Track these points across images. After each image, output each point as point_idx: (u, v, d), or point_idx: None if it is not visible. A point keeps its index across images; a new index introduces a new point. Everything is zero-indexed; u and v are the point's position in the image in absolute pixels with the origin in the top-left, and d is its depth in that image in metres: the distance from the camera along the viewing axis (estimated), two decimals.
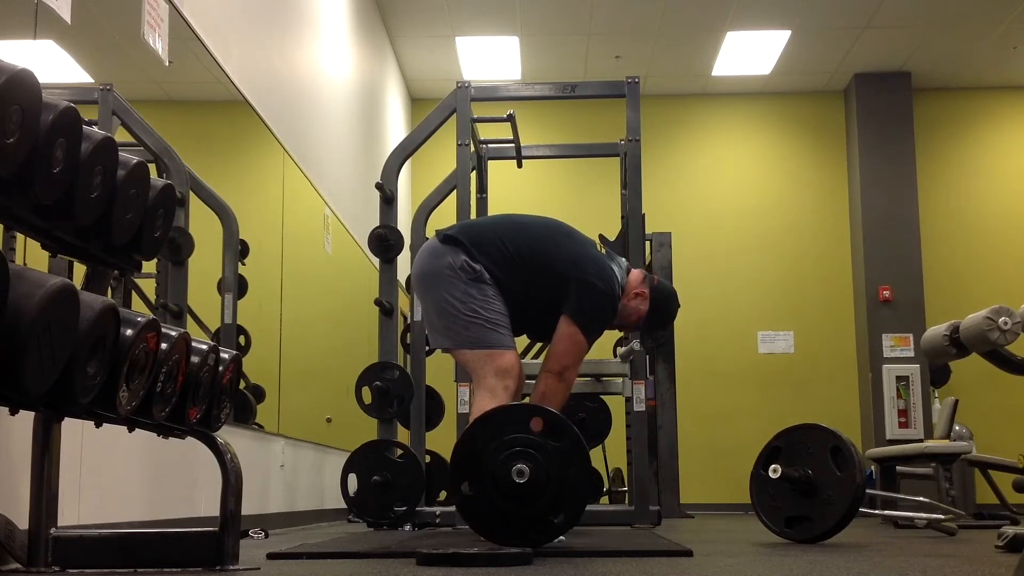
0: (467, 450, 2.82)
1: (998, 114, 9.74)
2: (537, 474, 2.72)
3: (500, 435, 2.78)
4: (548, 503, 2.76)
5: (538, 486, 2.72)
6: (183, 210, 3.84)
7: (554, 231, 3.39)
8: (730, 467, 8.38)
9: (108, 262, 2.24)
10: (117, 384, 1.93)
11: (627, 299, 3.41)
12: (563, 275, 3.24)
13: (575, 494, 2.80)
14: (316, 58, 6.05)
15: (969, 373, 8.54)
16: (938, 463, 5.60)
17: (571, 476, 2.77)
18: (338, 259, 6.58)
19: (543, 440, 2.77)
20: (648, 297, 3.45)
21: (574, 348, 3.24)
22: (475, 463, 2.78)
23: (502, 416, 2.87)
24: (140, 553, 2.22)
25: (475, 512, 2.84)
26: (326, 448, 6.14)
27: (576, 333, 3.23)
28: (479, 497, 2.79)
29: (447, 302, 3.23)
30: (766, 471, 3.55)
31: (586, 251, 3.34)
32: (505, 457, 2.74)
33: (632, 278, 3.44)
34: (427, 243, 3.41)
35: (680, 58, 9.04)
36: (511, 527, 2.80)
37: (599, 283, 3.26)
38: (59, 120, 1.82)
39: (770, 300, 9.52)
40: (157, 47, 3.56)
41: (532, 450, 2.74)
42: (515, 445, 2.75)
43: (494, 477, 2.74)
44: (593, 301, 3.25)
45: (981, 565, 2.49)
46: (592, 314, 3.26)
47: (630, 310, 3.43)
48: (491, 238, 3.30)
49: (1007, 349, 3.62)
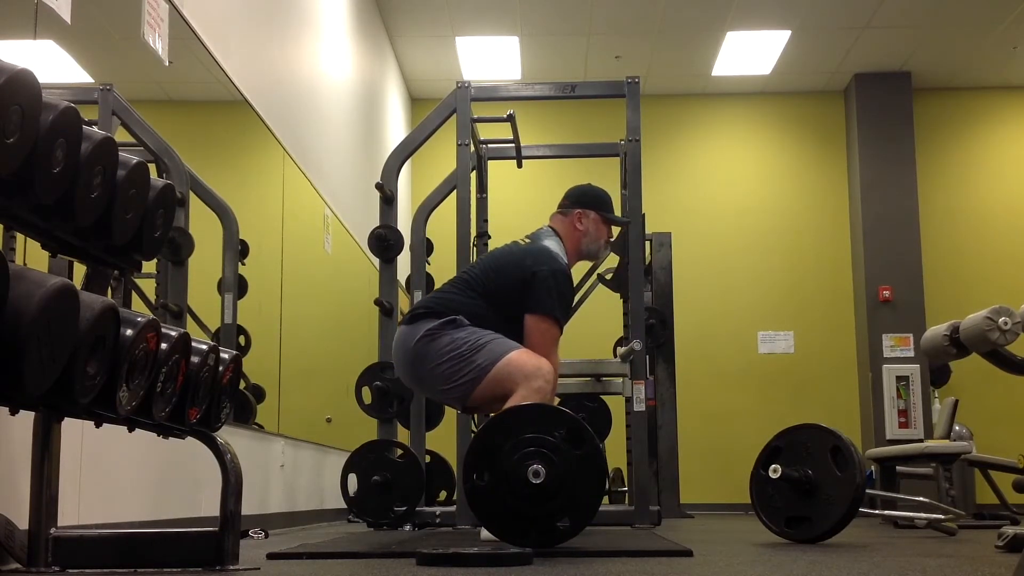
0: (485, 443, 2.83)
1: (998, 114, 9.74)
2: (551, 477, 2.73)
3: (520, 433, 2.79)
4: (557, 507, 2.77)
5: (551, 489, 2.74)
6: (183, 210, 3.84)
7: (489, 261, 3.54)
8: (730, 467, 8.39)
9: (108, 262, 2.24)
10: (117, 384, 1.93)
11: (579, 235, 3.58)
12: (518, 282, 3.33)
13: (586, 502, 2.81)
14: (316, 58, 6.04)
15: (969, 373, 8.54)
16: (938, 463, 5.59)
17: (585, 484, 2.78)
18: (338, 259, 6.58)
19: (563, 445, 2.78)
20: (583, 213, 3.60)
21: (548, 338, 3.31)
22: (491, 457, 2.80)
23: (524, 415, 2.89)
24: (140, 553, 2.22)
25: (483, 504, 2.86)
26: (326, 448, 6.14)
27: (544, 324, 3.31)
28: (490, 490, 2.80)
29: (443, 360, 3.26)
30: (766, 471, 3.54)
31: (519, 250, 3.47)
32: (522, 456, 2.75)
33: (561, 223, 3.60)
34: (397, 333, 3.47)
35: (680, 58, 9.04)
36: (517, 525, 2.81)
37: (543, 268, 3.34)
38: (59, 120, 1.82)
39: (770, 300, 9.52)
40: (157, 47, 3.56)
41: (550, 453, 2.76)
42: (534, 445, 2.76)
43: (508, 473, 2.76)
44: (547, 287, 3.32)
45: (981, 565, 2.49)
46: (552, 299, 3.33)
47: (591, 236, 3.60)
48: (452, 296, 3.40)
49: (1007, 349, 3.62)
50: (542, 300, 3.31)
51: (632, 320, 4.83)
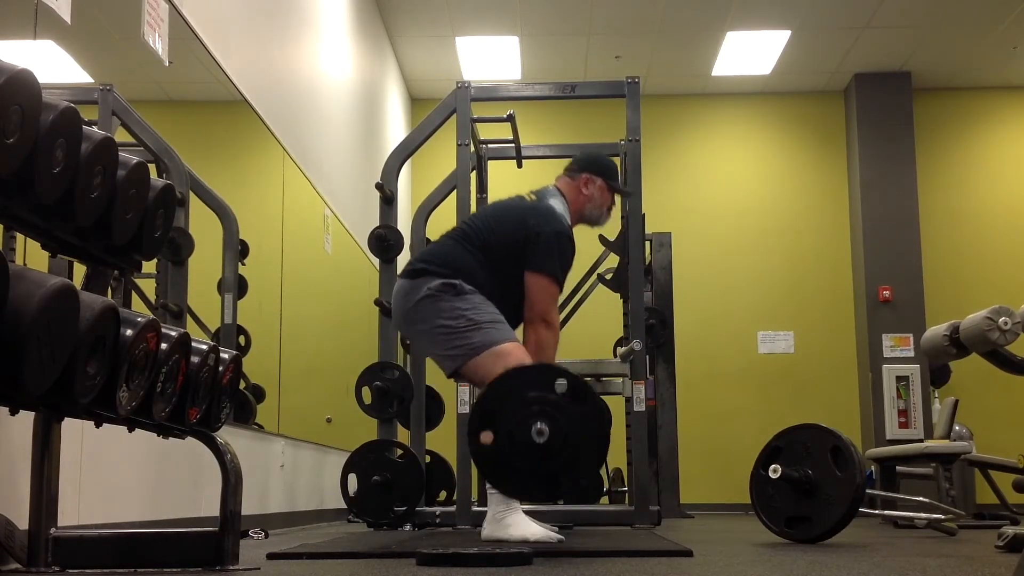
0: (489, 403, 2.84)
1: (998, 114, 9.74)
2: (555, 435, 2.73)
3: (523, 392, 2.79)
4: (562, 464, 2.78)
5: (555, 446, 2.74)
6: (183, 210, 3.84)
7: (491, 213, 3.55)
8: (730, 467, 8.38)
9: (108, 262, 2.24)
10: (117, 384, 1.93)
11: (584, 200, 3.61)
12: (521, 243, 3.36)
13: (590, 458, 2.82)
14: (316, 58, 6.05)
15: (969, 373, 8.54)
16: (938, 463, 5.59)
17: (588, 441, 2.79)
18: (338, 259, 6.58)
19: (565, 403, 2.78)
20: (591, 179, 3.62)
21: (547, 294, 3.35)
22: (495, 417, 2.80)
23: (527, 375, 2.91)
24: (140, 553, 2.22)
25: (487, 462, 2.87)
26: (326, 448, 6.14)
27: (544, 281, 3.34)
28: (494, 450, 2.81)
29: (439, 326, 3.27)
30: (766, 471, 3.54)
31: (524, 206, 3.49)
32: (526, 415, 2.76)
33: (568, 186, 3.62)
34: (397, 285, 3.47)
35: (680, 58, 9.04)
36: (521, 482, 2.84)
37: (547, 228, 3.36)
38: (59, 120, 1.82)
39: (770, 300, 9.52)
40: (157, 47, 3.56)
41: (553, 411, 2.76)
42: (537, 404, 2.77)
43: (512, 432, 2.76)
44: (548, 247, 3.35)
45: (981, 565, 2.49)
46: (553, 258, 3.36)
47: (595, 201, 3.63)
48: (453, 252, 3.39)
49: (1007, 349, 3.62)
50: (544, 260, 3.34)
51: (632, 320, 4.83)
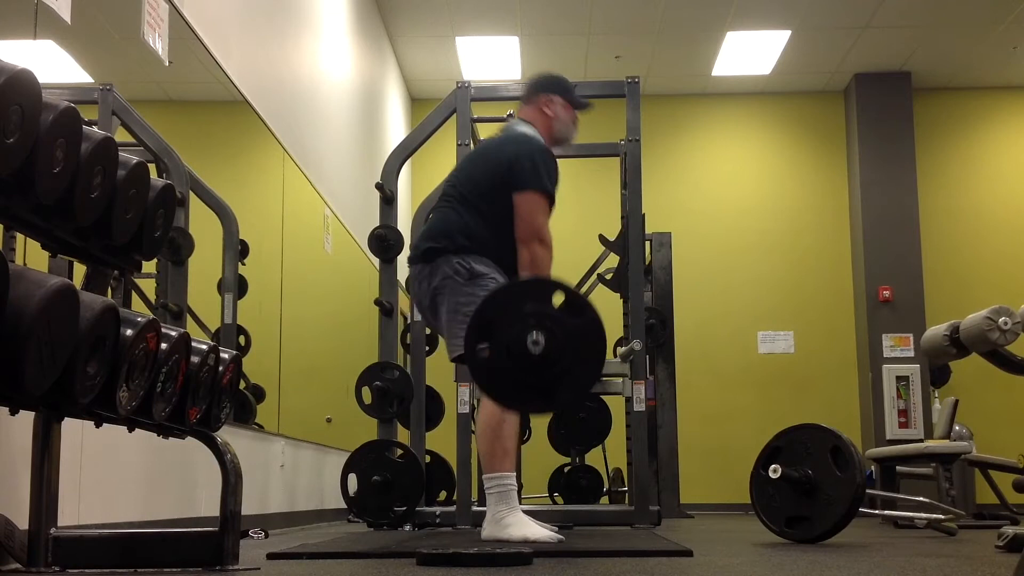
0: (486, 316, 2.84)
1: (998, 114, 9.74)
2: (551, 346, 2.74)
3: (519, 306, 2.80)
4: (558, 375, 2.78)
5: (551, 357, 2.74)
6: (183, 210, 3.84)
7: (469, 162, 3.58)
8: (730, 467, 8.38)
9: (108, 262, 2.24)
10: (117, 384, 1.93)
11: (549, 119, 3.61)
12: (503, 173, 3.36)
13: (586, 370, 2.83)
14: (316, 58, 6.05)
15: (969, 373, 8.54)
16: (938, 463, 5.59)
17: (585, 352, 2.79)
18: (338, 259, 6.58)
19: (562, 315, 2.78)
20: (548, 98, 3.62)
21: (538, 209, 3.34)
22: (492, 329, 2.81)
23: (523, 288, 2.92)
24: (140, 553, 2.22)
25: (485, 375, 2.87)
26: (326, 448, 6.14)
27: (532, 196, 3.34)
28: (492, 362, 2.81)
29: (456, 311, 3.32)
30: (766, 471, 3.54)
31: (496, 141, 3.52)
32: (522, 327, 2.76)
33: (530, 113, 3.63)
34: (414, 270, 3.51)
35: (680, 58, 9.04)
36: (519, 393, 2.84)
37: (522, 149, 3.39)
38: (59, 120, 1.82)
39: (770, 300, 9.52)
40: (157, 47, 3.56)
41: (550, 323, 2.76)
42: (533, 317, 2.77)
43: (508, 344, 2.77)
44: (528, 163, 3.36)
45: (981, 565, 2.49)
46: (536, 172, 3.36)
47: (560, 116, 3.62)
48: (453, 220, 3.41)
49: (1007, 349, 3.62)
50: (526, 177, 3.34)
51: (632, 320, 4.83)
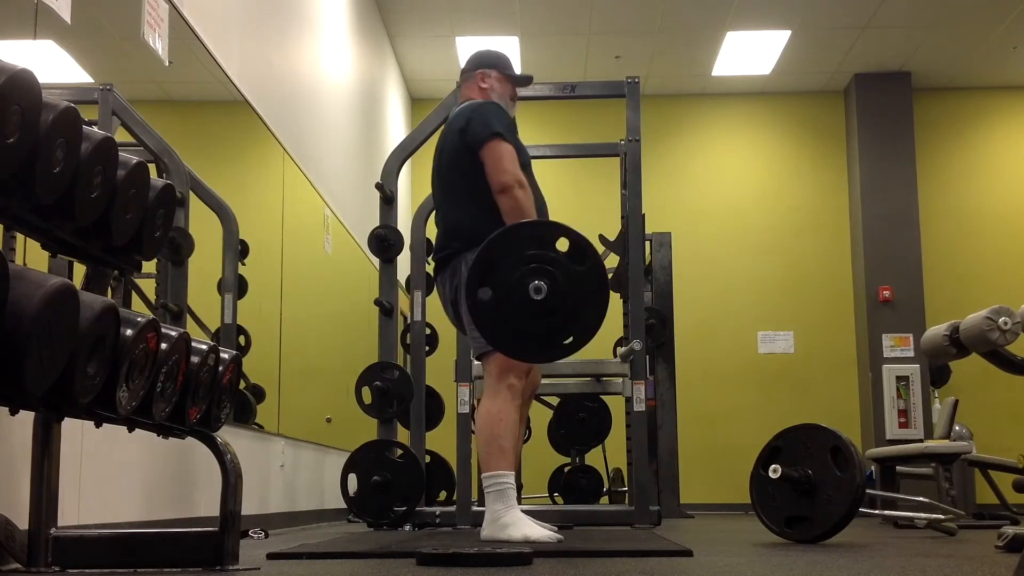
0: (488, 259, 2.83)
1: (998, 114, 9.74)
2: (553, 292, 2.72)
3: (522, 250, 2.78)
4: (560, 322, 2.77)
5: (553, 304, 2.73)
6: (183, 210, 3.84)
7: (435, 155, 3.63)
8: (730, 467, 8.38)
9: (108, 262, 2.24)
10: (117, 384, 1.93)
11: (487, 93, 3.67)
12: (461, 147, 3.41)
13: (588, 316, 2.81)
14: (316, 58, 6.04)
15: (969, 373, 8.54)
16: (938, 463, 5.59)
17: (587, 299, 2.78)
18: (338, 259, 6.58)
19: (565, 260, 2.77)
20: (484, 73, 3.72)
21: (505, 155, 3.34)
22: (494, 273, 2.80)
23: (527, 232, 2.90)
24: (140, 553, 2.22)
25: (487, 320, 2.87)
26: (326, 448, 6.14)
27: (491, 144, 3.35)
28: (493, 306, 2.80)
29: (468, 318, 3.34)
30: (766, 471, 3.54)
31: (446, 129, 3.57)
32: (524, 272, 2.74)
33: (467, 89, 3.73)
34: (436, 281, 3.56)
35: (680, 58, 9.04)
36: (519, 339, 2.84)
37: (467, 110, 3.46)
38: (59, 120, 1.82)
39: (770, 300, 9.52)
40: (157, 47, 3.55)
41: (552, 268, 2.75)
42: (536, 262, 2.75)
43: (510, 289, 2.75)
44: (481, 116, 3.41)
45: (981, 565, 2.49)
46: (492, 121, 3.39)
47: (498, 90, 3.68)
48: (452, 216, 3.46)
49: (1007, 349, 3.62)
50: (478, 131, 3.37)
51: (632, 320, 4.83)
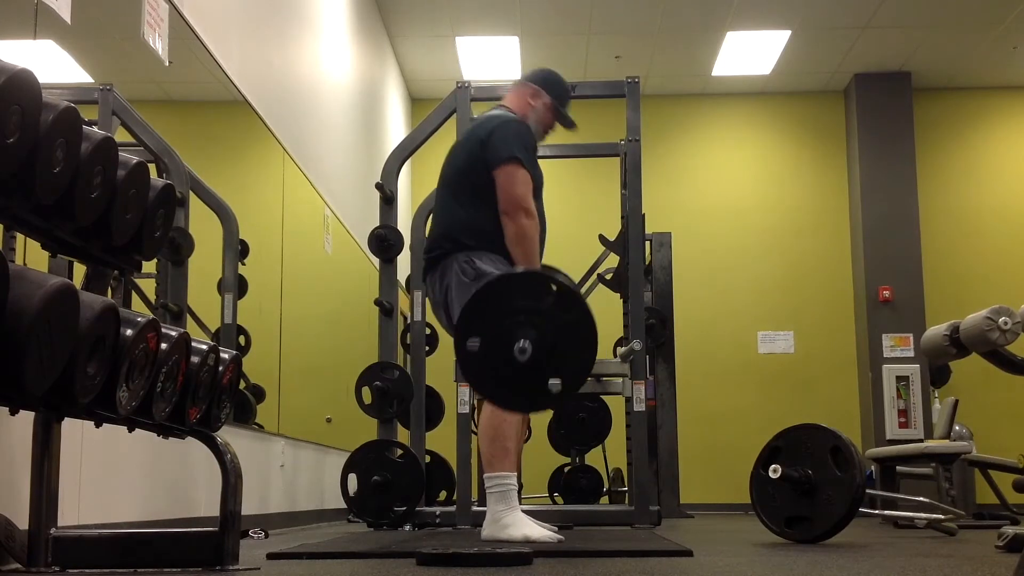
0: (476, 310, 2.83)
1: (998, 114, 9.74)
2: (540, 348, 2.72)
3: (509, 301, 2.79)
4: (548, 374, 2.76)
5: (540, 359, 2.73)
6: (183, 210, 3.84)
7: (450, 157, 3.56)
8: (730, 467, 8.38)
9: (108, 262, 2.24)
10: (117, 384, 1.93)
11: (528, 110, 3.57)
12: (478, 156, 3.36)
13: (576, 367, 2.81)
14: (316, 58, 6.04)
15: (969, 373, 8.54)
16: (938, 463, 5.59)
17: (574, 349, 2.77)
18: (338, 259, 6.58)
19: (553, 310, 2.77)
20: (540, 90, 3.61)
21: (517, 180, 3.31)
22: (482, 324, 2.80)
23: (513, 282, 2.92)
24: (140, 553, 2.22)
25: (474, 371, 2.86)
26: (326, 448, 6.14)
27: (509, 168, 3.31)
28: (481, 357, 2.80)
29: None
30: (766, 471, 3.54)
31: (469, 130, 3.52)
32: (512, 324, 2.74)
33: (513, 97, 3.61)
34: (428, 280, 3.51)
35: (680, 58, 9.04)
36: (508, 391, 2.84)
37: (496, 123, 3.38)
38: (59, 120, 1.82)
39: (770, 300, 9.52)
40: (157, 47, 3.55)
41: (539, 320, 2.75)
42: (523, 313, 2.75)
43: (498, 342, 2.75)
44: (500, 137, 3.34)
45: (981, 565, 2.49)
46: (508, 144, 3.34)
47: (540, 115, 3.60)
48: (450, 218, 3.43)
49: (1007, 349, 3.62)
50: (502, 149, 3.32)
51: (632, 320, 4.83)
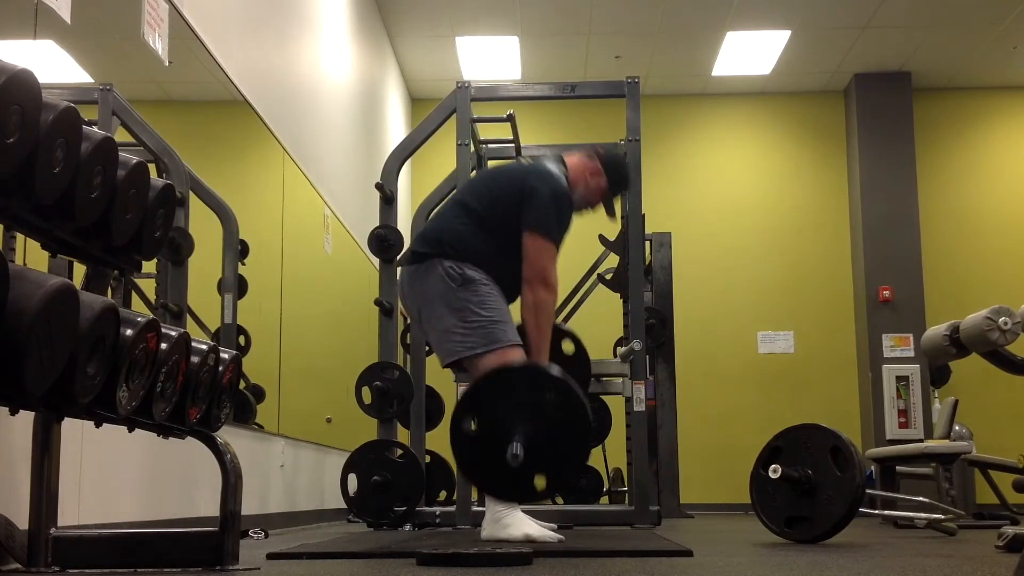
0: (477, 397, 2.84)
1: (998, 114, 9.74)
2: (532, 450, 2.72)
3: (511, 393, 2.78)
4: (538, 470, 2.76)
5: (531, 459, 2.73)
6: (183, 210, 3.84)
7: (486, 178, 3.55)
8: (730, 467, 8.38)
9: (108, 262, 2.24)
10: (117, 384, 1.93)
11: (582, 182, 3.53)
12: (517, 204, 3.33)
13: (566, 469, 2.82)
14: (316, 58, 6.04)
15: (969, 373, 8.54)
16: (938, 463, 5.59)
17: (567, 451, 2.77)
18: (338, 259, 6.58)
19: (552, 409, 2.76)
20: (601, 170, 3.57)
21: (545, 254, 3.31)
22: (480, 411, 2.80)
23: (518, 375, 2.92)
24: (140, 553, 2.22)
25: (466, 455, 2.88)
26: (326, 448, 6.14)
27: (541, 240, 3.31)
28: (474, 443, 2.80)
29: (444, 317, 3.29)
30: (766, 471, 3.54)
31: (519, 169, 3.46)
32: (510, 418, 2.73)
33: (575, 163, 3.56)
34: (403, 272, 3.48)
35: (680, 58, 9.04)
36: (495, 478, 2.84)
37: (545, 186, 3.35)
38: (59, 120, 1.82)
39: (770, 300, 9.52)
40: (157, 47, 3.56)
41: (537, 416, 2.74)
42: (522, 406, 2.75)
43: (493, 432, 2.75)
44: (545, 206, 3.33)
45: (981, 565, 2.49)
46: (549, 218, 3.34)
47: (591, 189, 3.56)
48: (452, 228, 3.38)
49: (1007, 349, 3.62)
50: (540, 219, 3.32)
51: (632, 320, 4.83)
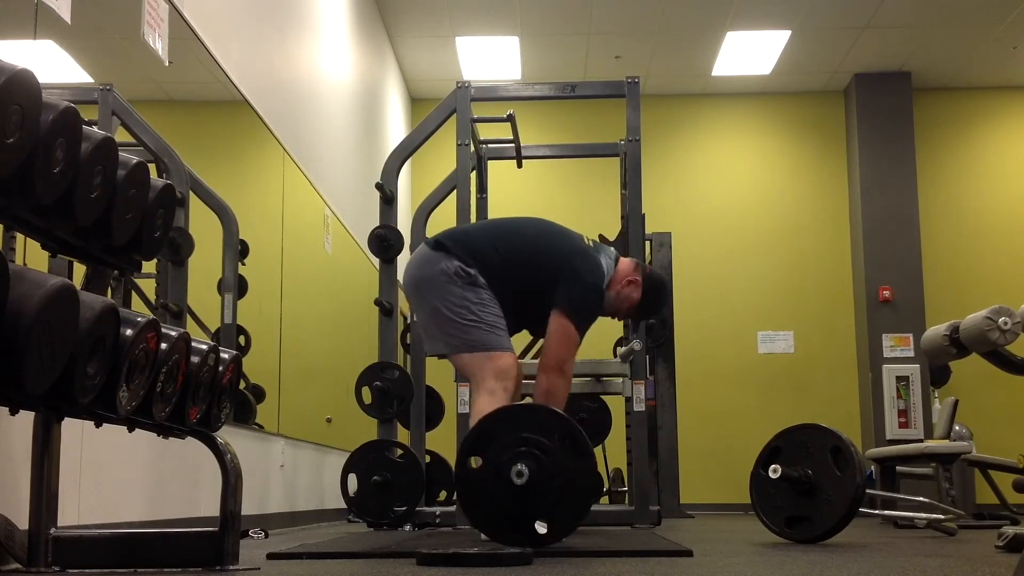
0: (484, 432, 2.84)
1: (998, 114, 9.74)
2: (537, 481, 2.72)
3: (520, 431, 2.79)
4: (539, 511, 2.77)
5: (534, 492, 2.73)
6: (183, 210, 3.84)
7: (543, 231, 3.47)
8: (730, 467, 8.38)
9: (108, 262, 2.24)
10: (117, 384, 1.93)
11: (619, 287, 3.48)
12: (555, 271, 3.31)
13: (568, 514, 2.82)
14: (316, 58, 6.04)
15: (969, 373, 8.54)
16: (938, 463, 5.59)
17: (571, 496, 2.78)
18: (338, 259, 6.58)
19: (559, 452, 2.77)
20: (640, 285, 3.53)
21: (567, 341, 3.29)
22: (487, 447, 2.80)
23: (530, 414, 2.91)
24: (140, 553, 2.22)
25: (469, 491, 2.88)
26: (326, 448, 6.14)
27: (568, 326, 3.29)
28: (478, 479, 2.80)
29: (444, 308, 3.27)
30: (766, 471, 3.54)
31: (575, 244, 3.42)
32: (515, 453, 2.75)
33: (622, 267, 3.51)
34: (418, 251, 3.47)
35: (680, 58, 9.04)
36: (496, 520, 2.83)
37: (587, 276, 3.33)
38: (59, 120, 1.82)
39: (770, 300, 9.52)
40: (157, 47, 3.55)
41: (543, 455, 2.75)
42: (528, 445, 2.76)
43: (498, 467, 2.76)
44: (582, 294, 3.32)
45: (981, 565, 2.49)
46: (581, 307, 3.32)
47: (622, 297, 3.50)
48: (482, 244, 3.37)
49: (1007, 349, 3.62)
50: (575, 305, 3.30)
51: (632, 320, 4.82)
